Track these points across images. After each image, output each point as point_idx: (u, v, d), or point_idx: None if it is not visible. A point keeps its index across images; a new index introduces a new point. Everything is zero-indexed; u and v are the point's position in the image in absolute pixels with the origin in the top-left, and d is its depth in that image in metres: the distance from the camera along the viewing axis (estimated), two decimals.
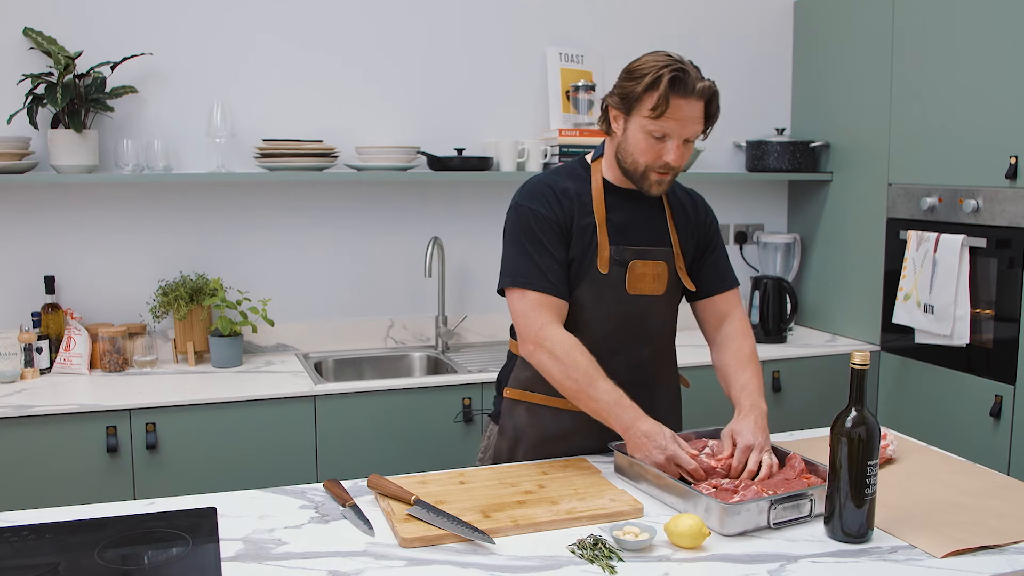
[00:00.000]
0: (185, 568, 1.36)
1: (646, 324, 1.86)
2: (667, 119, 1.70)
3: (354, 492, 1.65)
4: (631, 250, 1.81)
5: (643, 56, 1.75)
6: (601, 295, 1.80)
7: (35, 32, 2.67)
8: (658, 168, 1.75)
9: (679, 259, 1.88)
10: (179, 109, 2.88)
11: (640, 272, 1.82)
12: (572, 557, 1.39)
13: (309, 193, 3.06)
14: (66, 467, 2.35)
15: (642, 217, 1.86)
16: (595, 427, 1.78)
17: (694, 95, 1.71)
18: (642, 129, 1.73)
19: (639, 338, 1.85)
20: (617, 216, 1.83)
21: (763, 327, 3.24)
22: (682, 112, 1.70)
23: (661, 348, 1.92)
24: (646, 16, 3.40)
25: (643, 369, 1.87)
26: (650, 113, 1.70)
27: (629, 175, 1.80)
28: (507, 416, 1.91)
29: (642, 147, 1.74)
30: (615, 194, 1.85)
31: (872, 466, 1.42)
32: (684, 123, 1.71)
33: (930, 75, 2.89)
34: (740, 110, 3.55)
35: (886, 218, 3.10)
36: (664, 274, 1.85)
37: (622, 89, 1.75)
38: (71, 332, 2.73)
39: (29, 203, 2.79)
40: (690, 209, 1.94)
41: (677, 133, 1.72)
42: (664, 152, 1.73)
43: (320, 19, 3.01)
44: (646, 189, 1.79)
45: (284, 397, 2.53)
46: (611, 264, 1.79)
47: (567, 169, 1.89)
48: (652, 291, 1.84)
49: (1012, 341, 2.63)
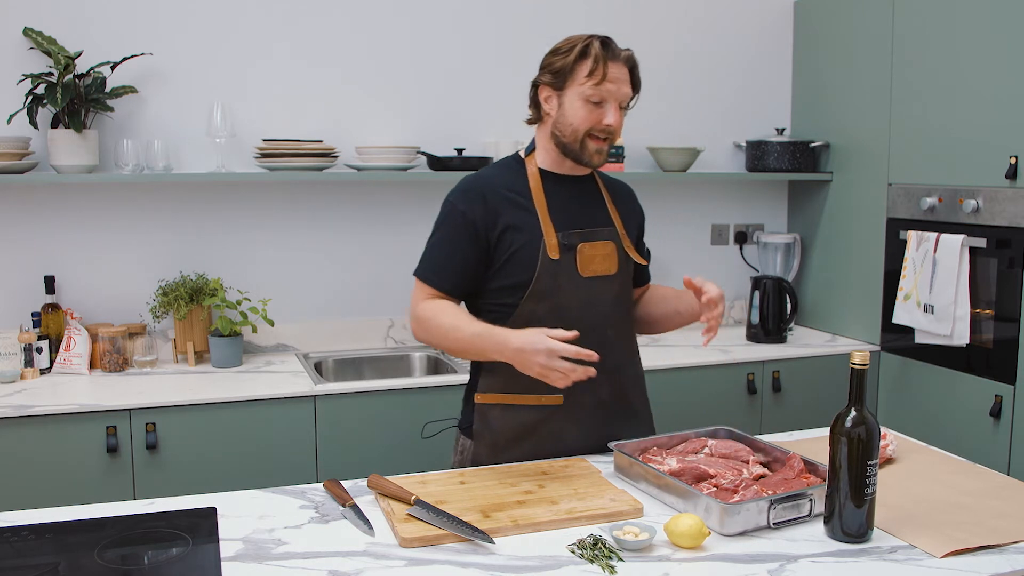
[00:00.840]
0: (185, 568, 1.36)
1: (606, 305, 1.87)
2: (606, 82, 1.77)
3: (354, 492, 1.65)
4: (577, 233, 1.84)
5: (561, 40, 1.83)
6: (557, 282, 1.81)
7: (35, 32, 2.67)
8: (599, 132, 1.80)
9: (624, 238, 1.92)
10: (179, 109, 2.88)
11: (590, 254, 1.84)
12: (572, 557, 1.39)
13: (309, 193, 3.06)
14: (66, 467, 2.35)
15: (582, 201, 1.90)
16: (571, 417, 1.83)
17: (621, 59, 1.80)
18: (580, 97, 1.78)
19: (602, 320, 1.86)
20: (558, 203, 1.86)
21: (763, 327, 3.24)
22: (615, 74, 1.78)
23: (623, 329, 1.94)
24: (646, 16, 3.40)
25: (611, 350, 1.87)
26: (587, 80, 1.77)
27: (568, 150, 1.84)
28: (481, 422, 1.90)
29: (581, 115, 1.79)
30: (553, 181, 1.88)
31: (872, 466, 1.42)
32: (619, 85, 1.79)
33: (930, 75, 2.89)
34: (740, 110, 3.56)
35: (886, 218, 3.10)
36: (613, 253, 1.88)
37: (552, 66, 1.82)
38: (71, 332, 2.73)
39: (29, 203, 2.79)
40: (626, 196, 2.02)
41: (614, 96, 1.78)
42: (603, 116, 1.79)
43: (320, 19, 3.01)
44: (586, 160, 1.83)
45: (284, 397, 2.53)
46: (560, 249, 1.81)
47: (503, 164, 1.93)
48: (605, 271, 1.86)
49: (1012, 341, 2.63)
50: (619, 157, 3.20)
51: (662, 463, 1.70)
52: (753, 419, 3.03)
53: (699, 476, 1.64)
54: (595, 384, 1.82)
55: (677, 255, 3.54)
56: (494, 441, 1.88)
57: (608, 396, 1.87)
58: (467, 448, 1.93)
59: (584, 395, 1.83)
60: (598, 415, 1.87)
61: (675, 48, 3.46)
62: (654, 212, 3.48)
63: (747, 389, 3.01)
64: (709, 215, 3.59)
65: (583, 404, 1.85)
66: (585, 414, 1.86)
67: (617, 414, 1.91)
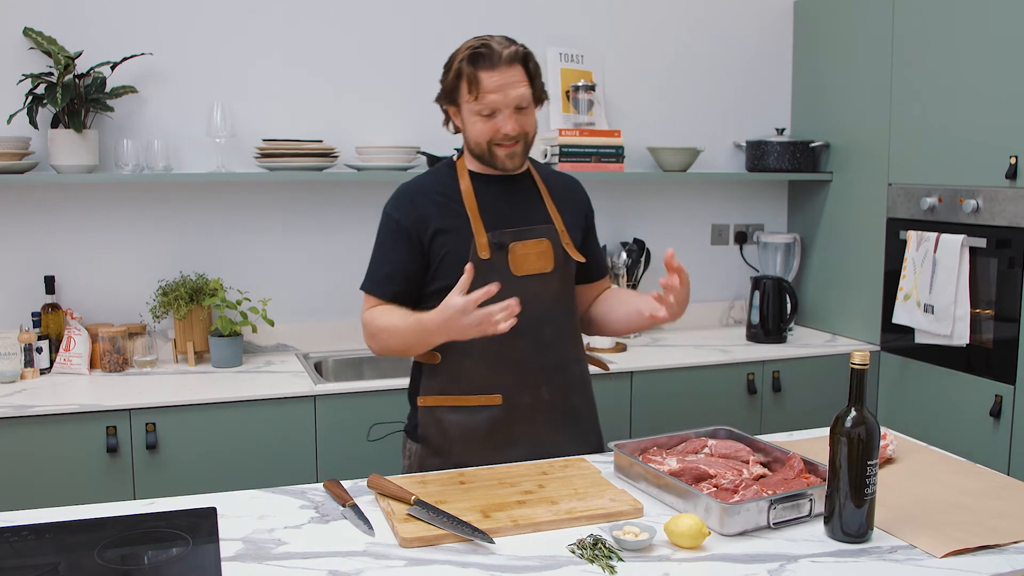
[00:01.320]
0: (185, 568, 1.36)
1: (542, 303, 1.85)
2: (485, 94, 1.75)
3: (354, 492, 1.65)
4: (508, 233, 1.83)
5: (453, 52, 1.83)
6: (487, 281, 1.76)
7: (35, 32, 2.67)
8: (500, 142, 1.80)
9: (564, 235, 1.90)
10: (179, 109, 2.88)
11: (522, 253, 1.83)
12: (572, 557, 1.39)
13: (309, 193, 3.06)
14: (66, 467, 2.35)
15: (516, 200, 1.89)
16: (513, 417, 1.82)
17: (502, 63, 1.75)
18: (471, 113, 1.79)
19: (538, 319, 1.84)
20: (489, 203, 1.85)
21: (763, 327, 3.24)
22: (496, 83, 1.75)
23: (564, 328, 1.91)
24: (646, 16, 3.40)
25: (548, 350, 1.87)
26: (469, 97, 1.77)
27: (482, 160, 1.84)
28: (427, 426, 1.89)
29: (478, 128, 1.79)
30: (485, 183, 1.88)
31: (872, 466, 1.42)
32: (504, 92, 1.75)
33: (930, 75, 2.89)
34: (740, 110, 3.55)
35: (886, 218, 3.10)
36: (549, 251, 1.86)
37: (442, 86, 1.83)
38: (71, 332, 2.73)
39: (29, 203, 2.79)
40: (571, 190, 2.00)
41: (503, 104, 1.76)
42: (499, 126, 1.78)
43: (320, 19, 3.01)
44: (500, 167, 1.84)
45: (284, 397, 2.53)
46: (491, 249, 1.81)
47: (436, 170, 1.94)
48: (540, 269, 1.85)
49: (1012, 341, 2.63)
50: (619, 157, 3.20)
51: (662, 463, 1.70)
52: (753, 419, 3.03)
53: (699, 476, 1.64)
54: (534, 384, 1.84)
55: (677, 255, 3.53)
56: (439, 444, 1.87)
57: (549, 395, 1.87)
58: (414, 452, 1.92)
59: (524, 395, 1.84)
60: (540, 415, 1.86)
61: (675, 48, 3.46)
62: (654, 212, 3.51)
63: (747, 389, 3.01)
64: (709, 215, 3.59)
65: (523, 404, 1.84)
66: (526, 414, 1.85)
67: (560, 414, 1.89)
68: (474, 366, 1.84)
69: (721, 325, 3.61)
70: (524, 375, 1.85)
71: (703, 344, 3.22)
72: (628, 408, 2.86)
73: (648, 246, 3.38)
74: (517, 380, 1.84)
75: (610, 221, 3.42)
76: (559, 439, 1.89)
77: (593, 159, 3.16)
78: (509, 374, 1.84)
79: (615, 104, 3.40)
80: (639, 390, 2.87)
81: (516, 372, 1.84)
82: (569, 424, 1.92)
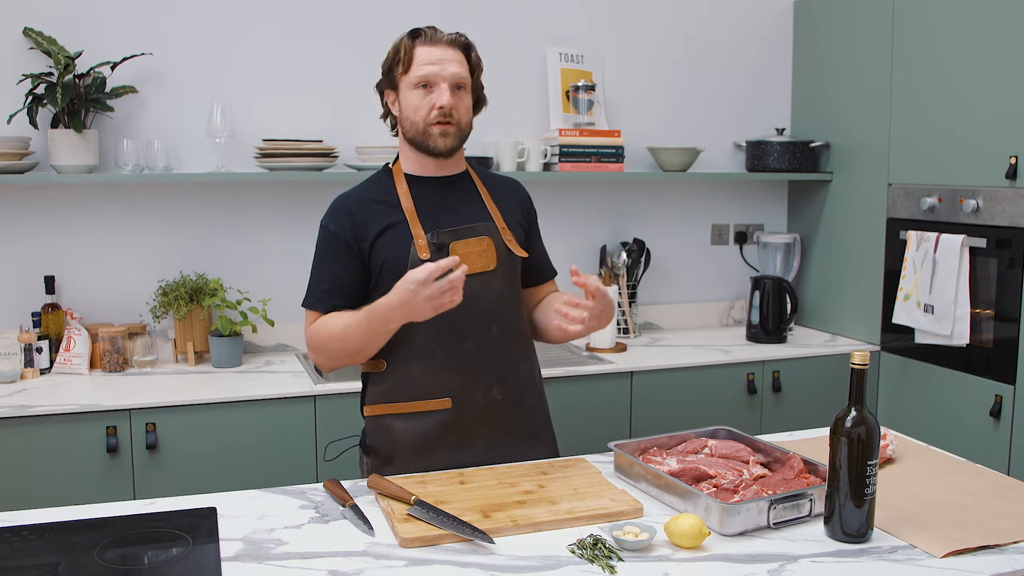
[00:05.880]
0: (185, 568, 1.36)
1: (486, 303, 1.82)
2: (423, 65, 1.79)
3: (354, 492, 1.65)
4: (447, 232, 1.81)
5: None
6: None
7: (35, 32, 2.67)
8: (436, 118, 1.80)
9: (505, 232, 1.88)
10: (179, 109, 2.88)
11: (464, 252, 1.80)
12: (572, 557, 1.39)
13: (309, 193, 3.06)
14: (66, 467, 2.35)
15: (454, 200, 1.88)
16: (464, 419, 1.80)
17: (442, 42, 1.83)
18: (409, 87, 1.81)
19: (483, 318, 1.82)
20: (427, 204, 1.85)
21: (763, 327, 3.24)
22: (434, 55, 1.80)
23: (511, 326, 1.88)
24: (646, 16, 3.40)
25: (496, 349, 1.84)
26: (406, 69, 1.81)
27: (419, 145, 1.84)
28: (375, 436, 1.86)
29: (415, 104, 1.81)
30: (422, 185, 1.87)
31: (872, 466, 1.42)
32: (442, 64, 1.80)
33: (930, 75, 2.89)
34: (740, 110, 3.56)
35: (886, 218, 3.10)
36: (491, 248, 1.84)
37: (383, 72, 1.88)
38: (71, 332, 2.73)
39: (29, 203, 2.79)
40: (512, 190, 1.99)
41: (439, 75, 1.79)
42: (436, 99, 1.79)
43: (320, 19, 3.01)
44: (434, 148, 1.82)
45: (284, 397, 2.53)
46: (431, 249, 1.79)
47: (371, 179, 1.94)
48: (482, 267, 1.83)
49: (1012, 341, 2.63)
50: (619, 157, 3.20)
51: (662, 463, 1.70)
52: (753, 419, 3.03)
53: (699, 476, 1.64)
54: (484, 384, 1.81)
55: (677, 255, 3.54)
56: (388, 453, 1.84)
57: (499, 394, 1.83)
58: (367, 464, 1.89)
59: (473, 396, 1.81)
60: (491, 416, 1.83)
61: (675, 48, 3.46)
62: (654, 212, 3.51)
63: (747, 389, 3.01)
64: (709, 215, 3.59)
65: (474, 405, 1.81)
66: (477, 415, 1.82)
67: (513, 414, 1.86)
68: (421, 370, 1.80)
69: (721, 325, 3.61)
70: (473, 376, 1.81)
71: (703, 344, 3.22)
72: (628, 408, 2.86)
73: (648, 246, 3.38)
74: (466, 382, 1.81)
75: (610, 221, 3.42)
76: (512, 440, 1.86)
77: (593, 159, 3.16)
78: (457, 376, 1.80)
79: (615, 104, 3.40)
80: (639, 390, 2.87)
81: (464, 374, 1.81)
82: (522, 424, 1.88)
